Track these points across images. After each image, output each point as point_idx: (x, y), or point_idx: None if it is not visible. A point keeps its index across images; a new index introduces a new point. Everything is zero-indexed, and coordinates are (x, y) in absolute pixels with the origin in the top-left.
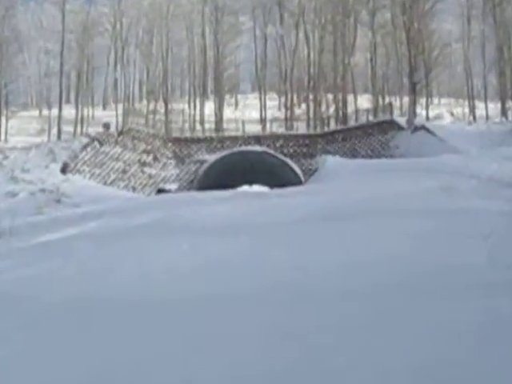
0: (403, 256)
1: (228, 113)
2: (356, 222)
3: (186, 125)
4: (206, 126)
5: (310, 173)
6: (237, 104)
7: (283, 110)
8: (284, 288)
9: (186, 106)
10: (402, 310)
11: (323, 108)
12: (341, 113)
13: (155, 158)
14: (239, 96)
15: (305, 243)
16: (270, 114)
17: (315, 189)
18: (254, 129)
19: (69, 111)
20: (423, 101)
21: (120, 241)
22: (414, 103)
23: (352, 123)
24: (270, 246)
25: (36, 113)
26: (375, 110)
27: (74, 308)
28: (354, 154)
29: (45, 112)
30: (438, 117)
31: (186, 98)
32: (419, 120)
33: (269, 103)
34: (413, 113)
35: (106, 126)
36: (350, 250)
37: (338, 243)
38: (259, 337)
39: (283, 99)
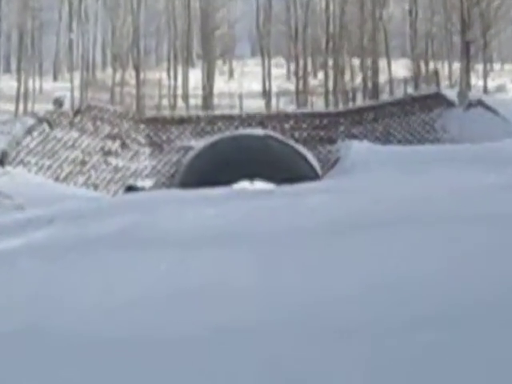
0: (449, 279)
1: (220, 84)
2: (390, 231)
3: (165, 100)
4: (191, 101)
5: (329, 164)
6: (232, 73)
7: (293, 80)
8: (295, 323)
9: (165, 75)
10: (450, 357)
11: (347, 77)
12: (370, 84)
13: (124, 145)
14: (235, 62)
15: (323, 260)
16: (275, 86)
17: (336, 186)
18: (255, 105)
19: (8, 83)
20: (480, 67)
21: (76, 257)
22: (467, 71)
23: (385, 97)
24: (276, 264)
25: None
26: (416, 80)
27: (18, 346)
28: (387, 139)
29: None
30: (500, 89)
31: (165, 64)
32: (474, 93)
33: (274, 71)
34: (466, 83)
35: (59, 102)
36: (381, 270)
37: (367, 260)
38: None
39: (293, 66)
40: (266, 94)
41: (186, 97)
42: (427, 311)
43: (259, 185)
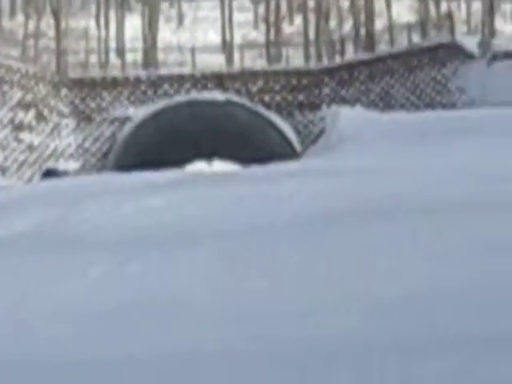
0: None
1: (166, 35)
2: (386, 223)
3: (93, 57)
4: (129, 57)
5: (310, 137)
6: (181, 19)
7: (262, 28)
8: (267, 357)
9: (93, 23)
10: None
11: (332, 23)
12: (363, 31)
13: (40, 117)
14: (185, 5)
15: (302, 265)
16: (239, 36)
17: (320, 166)
18: (213, 62)
19: None
20: (507, 8)
21: None
22: (491, 12)
23: (383, 49)
24: (242, 273)
25: None
26: (424, 26)
27: None
28: (387, 103)
29: None
30: None
31: (92, 9)
32: (501, 43)
33: (237, 16)
34: (490, 29)
35: None
36: (382, 277)
37: (359, 262)
38: None
39: (262, 9)
40: (226, 46)
41: (121, 52)
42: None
43: (219, 166)
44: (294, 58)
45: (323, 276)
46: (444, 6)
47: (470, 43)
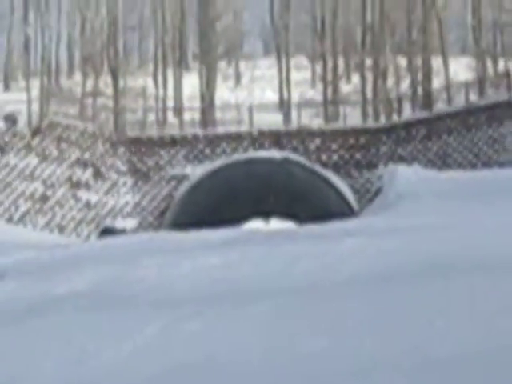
0: None
1: (224, 93)
2: (450, 281)
3: (151, 115)
4: (186, 116)
5: (368, 196)
6: (238, 78)
7: (320, 86)
8: None
9: (150, 82)
10: None
11: (390, 82)
12: (421, 90)
13: (97, 175)
14: (242, 64)
15: (359, 324)
16: (297, 95)
17: (377, 225)
18: (270, 120)
19: None
20: None
21: (36, 322)
22: None
23: (441, 108)
24: (299, 332)
25: None
26: (481, 85)
27: None
28: (444, 162)
29: None
30: None
31: (150, 68)
32: None
33: (295, 75)
34: None
35: (11, 118)
36: (440, 336)
37: (417, 321)
38: None
39: (320, 68)
40: (283, 105)
41: (178, 110)
42: None
43: (276, 224)
44: (352, 117)
45: (381, 334)
46: (501, 65)
47: None
